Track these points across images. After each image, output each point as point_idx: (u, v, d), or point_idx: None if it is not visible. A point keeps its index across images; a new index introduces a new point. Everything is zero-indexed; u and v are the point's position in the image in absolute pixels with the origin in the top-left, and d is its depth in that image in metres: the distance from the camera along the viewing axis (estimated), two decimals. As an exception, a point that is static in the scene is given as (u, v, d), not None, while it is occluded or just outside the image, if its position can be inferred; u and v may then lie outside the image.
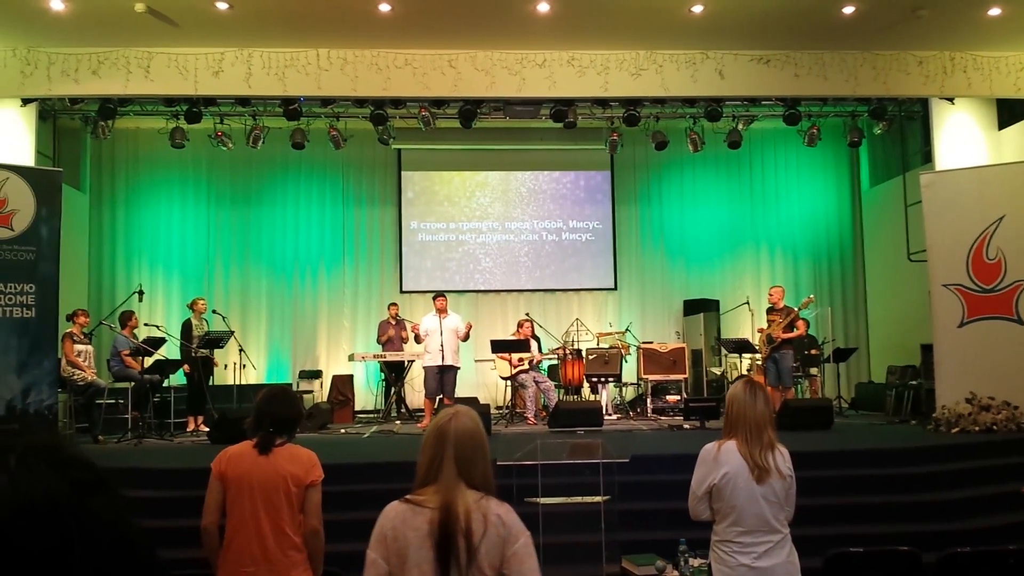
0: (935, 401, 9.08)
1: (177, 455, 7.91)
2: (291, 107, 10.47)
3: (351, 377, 11.98)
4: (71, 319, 9.26)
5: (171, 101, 10.58)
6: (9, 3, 8.47)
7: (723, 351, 11.84)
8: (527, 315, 11.55)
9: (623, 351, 11.20)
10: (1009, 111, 10.57)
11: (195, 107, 10.49)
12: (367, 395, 12.44)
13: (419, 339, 10.32)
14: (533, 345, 10.70)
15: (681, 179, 13.62)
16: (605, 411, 10.17)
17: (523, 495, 4.69)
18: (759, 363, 10.63)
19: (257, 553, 3.28)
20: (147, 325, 10.07)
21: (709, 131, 12.00)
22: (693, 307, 12.95)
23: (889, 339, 12.71)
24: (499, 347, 10.33)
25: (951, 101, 10.41)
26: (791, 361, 10.07)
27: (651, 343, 11.54)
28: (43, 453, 0.89)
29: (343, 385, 11.71)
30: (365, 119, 11.14)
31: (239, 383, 10.59)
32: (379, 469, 6.83)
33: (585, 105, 11.22)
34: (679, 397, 11.20)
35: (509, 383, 10.68)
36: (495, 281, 13.36)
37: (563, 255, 13.50)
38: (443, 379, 9.83)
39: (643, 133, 12.18)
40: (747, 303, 11.44)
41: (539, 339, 11.20)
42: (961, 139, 10.56)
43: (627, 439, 8.37)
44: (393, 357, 11.16)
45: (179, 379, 10.32)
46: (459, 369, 10.16)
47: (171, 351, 10.21)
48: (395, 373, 11.40)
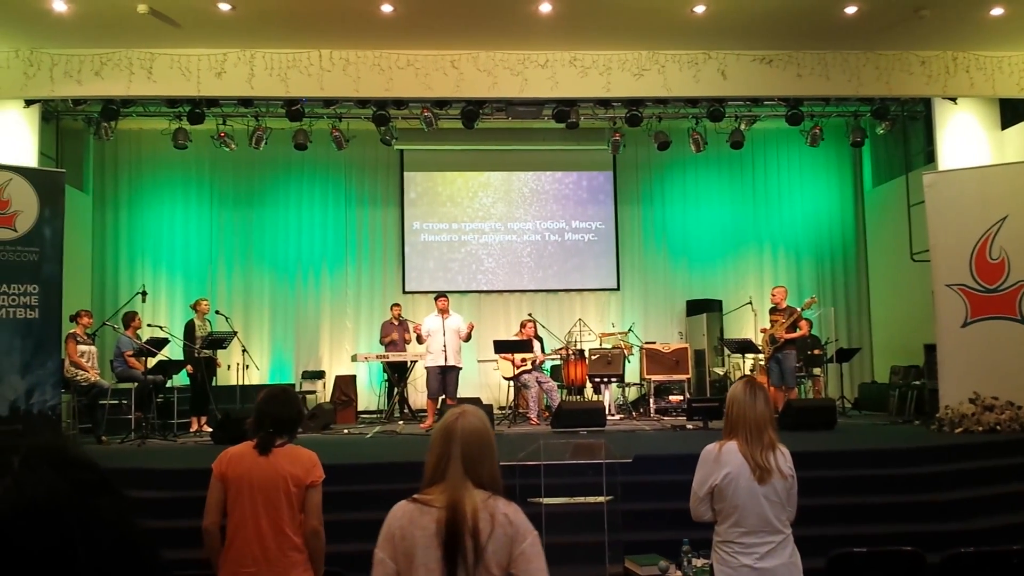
0: (938, 401, 9.06)
1: (180, 456, 7.92)
2: (293, 108, 10.48)
3: (354, 378, 12.00)
4: (74, 320, 9.28)
5: (174, 102, 10.60)
6: (12, 4, 8.49)
7: (726, 351, 11.84)
8: (530, 315, 11.55)
9: (626, 351, 11.20)
10: (1012, 111, 10.55)
11: (198, 108, 10.50)
12: (370, 395, 12.44)
13: (421, 339, 10.32)
14: (536, 345, 10.70)
15: (684, 179, 13.61)
16: (608, 411, 10.17)
17: (526, 495, 4.69)
18: (762, 363, 10.63)
19: (257, 553, 3.28)
20: (150, 326, 10.10)
21: (712, 131, 11.99)
22: (696, 307, 12.94)
23: (892, 339, 12.69)
24: (502, 347, 10.33)
25: (954, 101, 10.40)
26: (794, 361, 10.07)
27: (654, 343, 11.54)
28: (47, 454, 0.89)
29: (346, 386, 11.72)
30: (367, 120, 11.14)
31: (242, 383, 10.61)
32: (382, 469, 6.83)
33: (587, 105, 11.22)
34: (682, 397, 11.20)
35: (512, 383, 10.68)
36: (498, 281, 13.36)
37: (566, 255, 13.50)
38: (445, 379, 9.84)
39: (645, 133, 12.18)
40: (750, 303, 11.42)
41: (542, 339, 11.20)
42: (964, 139, 10.55)
43: (630, 439, 8.36)
44: (396, 358, 11.16)
45: (182, 380, 10.32)
46: (461, 369, 10.17)
47: (174, 352, 10.22)
48: (398, 374, 11.40)
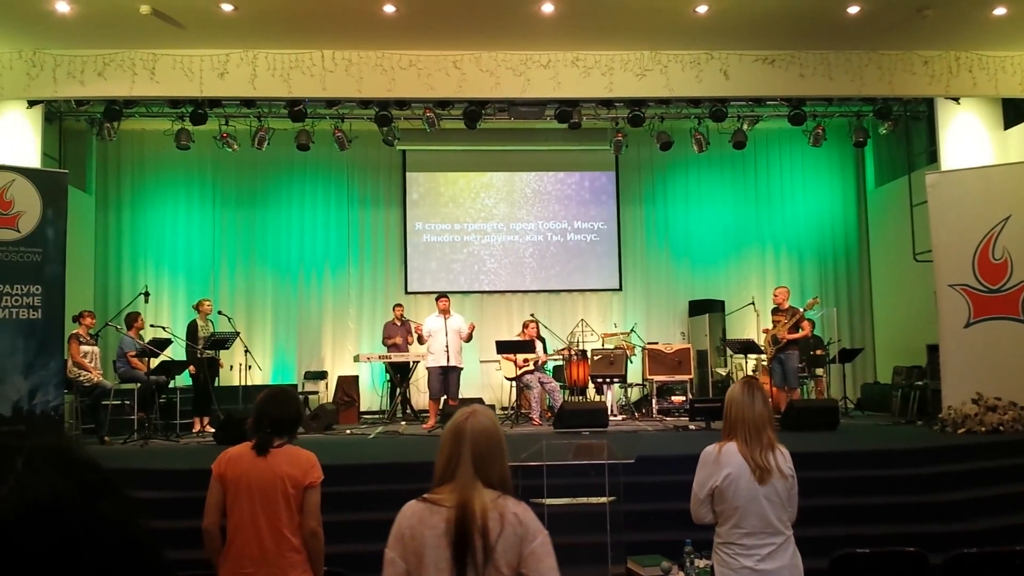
0: (941, 402, 9.04)
1: (183, 456, 7.93)
2: (296, 108, 10.49)
3: (356, 378, 12.00)
4: (77, 320, 9.29)
5: (176, 103, 10.62)
6: (15, 5, 8.50)
7: (728, 352, 11.82)
8: (532, 316, 11.54)
9: (628, 352, 11.19)
10: (1015, 111, 10.53)
11: (200, 109, 10.52)
12: (372, 396, 12.45)
13: (422, 340, 10.33)
14: (538, 346, 10.70)
15: (686, 179, 13.60)
16: (610, 412, 10.17)
17: (528, 496, 4.68)
18: (764, 364, 10.62)
19: (256, 554, 3.27)
20: (153, 326, 10.11)
21: (714, 131, 11.99)
22: (698, 308, 12.93)
23: (895, 340, 12.67)
24: (504, 348, 10.33)
25: (956, 101, 10.38)
26: (796, 362, 10.06)
27: (656, 344, 11.54)
28: (50, 454, 0.89)
29: (348, 386, 11.73)
30: (370, 120, 11.15)
31: (245, 384, 10.61)
32: (384, 470, 6.84)
33: (590, 106, 11.22)
34: (684, 398, 11.20)
35: (514, 384, 10.67)
36: (500, 282, 13.36)
37: (568, 256, 13.49)
38: (447, 380, 9.84)
39: (648, 133, 12.18)
40: (752, 304, 11.42)
41: (544, 340, 11.19)
42: (967, 139, 10.53)
43: (632, 440, 8.36)
44: (398, 358, 11.16)
45: (185, 380, 10.33)
46: (462, 370, 10.17)
47: (177, 352, 10.24)
48: (400, 374, 11.40)
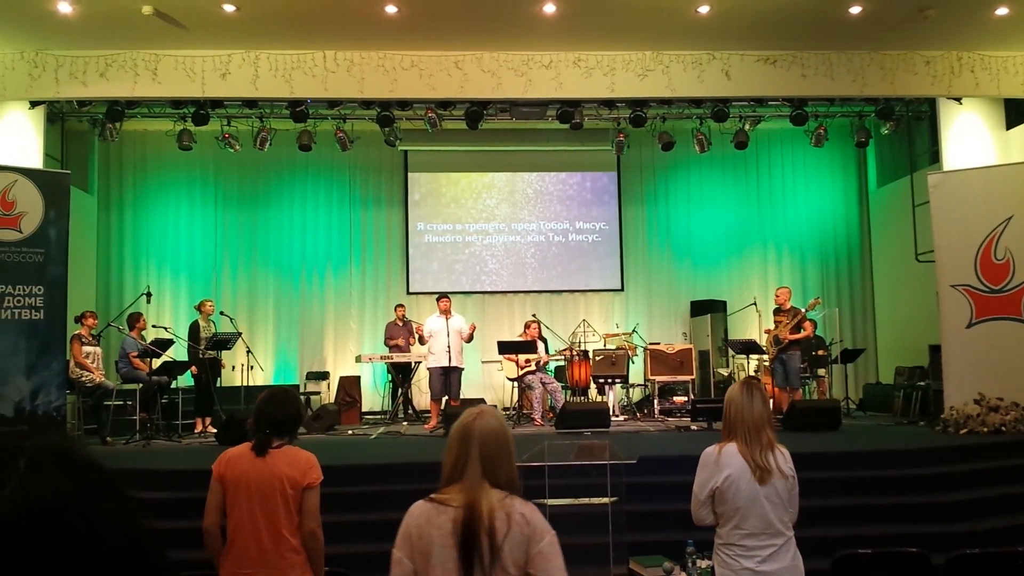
0: (943, 402, 9.04)
1: (185, 457, 7.94)
2: (298, 109, 10.49)
3: (358, 378, 12.01)
4: (79, 321, 9.30)
5: (178, 103, 10.62)
6: (17, 6, 8.51)
7: (730, 352, 11.82)
8: (534, 316, 11.53)
9: (630, 352, 11.19)
10: (1017, 111, 10.52)
11: (202, 109, 10.53)
12: (374, 396, 12.46)
13: (423, 340, 10.32)
14: (540, 346, 10.70)
15: (688, 180, 13.60)
16: (612, 412, 10.16)
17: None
18: (766, 364, 10.62)
19: (255, 555, 3.26)
20: (155, 327, 10.12)
21: (716, 132, 11.99)
22: (700, 308, 12.93)
23: (897, 340, 12.66)
24: (506, 348, 10.33)
25: (959, 101, 10.37)
26: (798, 362, 10.05)
27: (658, 344, 11.53)
28: (52, 455, 0.89)
29: (350, 386, 11.73)
30: (371, 121, 11.16)
31: (247, 384, 10.61)
32: (386, 470, 6.85)
33: (591, 106, 11.22)
34: (686, 398, 11.19)
35: (516, 384, 10.67)
36: (501, 282, 13.36)
37: (570, 256, 13.49)
38: (448, 380, 9.84)
39: (650, 134, 12.18)
40: (754, 304, 11.40)
41: (546, 340, 11.19)
42: (969, 139, 10.52)
43: (634, 440, 8.36)
44: (400, 358, 11.15)
45: (187, 381, 10.34)
46: (463, 370, 10.16)
47: (179, 353, 10.24)
48: (402, 374, 11.40)
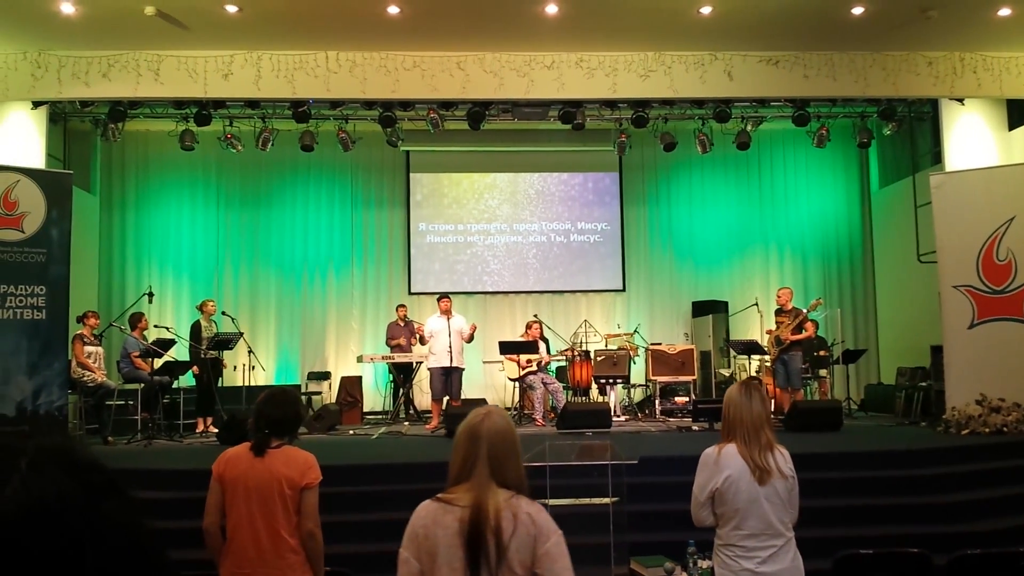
0: (945, 403, 9.03)
1: (186, 456, 7.94)
2: (300, 109, 10.49)
3: (360, 378, 12.01)
4: (81, 321, 9.32)
5: (181, 104, 10.62)
6: (20, 6, 8.52)
7: (732, 352, 11.81)
8: (535, 316, 11.54)
9: (631, 352, 11.18)
10: (1019, 111, 10.50)
11: (204, 110, 10.53)
12: (376, 396, 12.46)
13: (424, 340, 10.32)
14: (541, 346, 10.69)
15: (690, 180, 13.59)
16: (613, 413, 10.16)
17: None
18: (768, 365, 10.61)
19: (253, 555, 3.26)
20: (157, 327, 10.13)
21: (718, 132, 11.98)
22: (702, 308, 12.92)
23: (899, 340, 12.65)
24: (507, 348, 10.33)
25: (961, 102, 10.36)
26: (800, 363, 10.04)
27: (659, 344, 11.53)
28: (54, 455, 0.89)
29: (352, 386, 11.73)
30: (374, 121, 11.16)
31: (248, 384, 10.61)
32: (387, 470, 6.85)
33: (593, 107, 11.21)
34: (688, 399, 11.18)
35: (517, 384, 10.67)
36: (503, 283, 13.36)
37: (571, 257, 13.49)
38: (449, 380, 9.83)
39: (651, 134, 12.17)
40: (756, 304, 11.39)
41: (547, 340, 11.18)
42: (971, 140, 10.51)
43: (635, 441, 8.36)
44: (401, 359, 11.15)
45: (188, 380, 10.35)
46: (464, 370, 10.16)
47: (180, 353, 10.25)
48: (403, 375, 11.40)
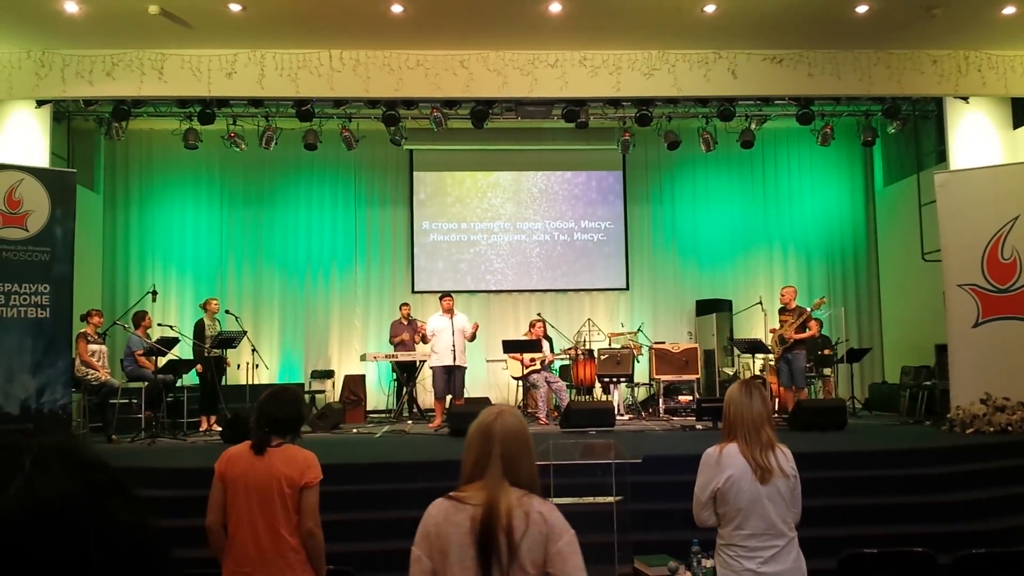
0: (949, 402, 9.02)
1: (190, 455, 7.95)
2: (304, 108, 10.49)
3: (363, 377, 12.01)
4: (85, 319, 9.32)
5: (184, 102, 10.63)
6: (24, 5, 8.53)
7: (736, 351, 11.79)
8: (539, 315, 11.53)
9: (635, 351, 11.17)
10: (1024, 110, 10.50)
11: (208, 108, 10.53)
12: (379, 395, 12.47)
13: (426, 339, 10.32)
14: (545, 345, 10.69)
15: (693, 179, 13.57)
16: (617, 411, 10.15)
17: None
18: (772, 363, 10.59)
19: (253, 554, 3.26)
20: (160, 325, 10.13)
21: (722, 131, 11.95)
22: (705, 307, 12.90)
23: (903, 339, 12.63)
24: (511, 347, 10.32)
25: (966, 100, 10.33)
26: (804, 361, 10.02)
27: (663, 343, 11.52)
28: (58, 454, 0.89)
29: (355, 385, 11.74)
30: (377, 120, 11.15)
31: (252, 383, 10.62)
32: (391, 469, 6.85)
33: (597, 105, 11.19)
34: (691, 397, 11.17)
35: (521, 383, 10.66)
36: (507, 281, 13.36)
37: (575, 255, 13.48)
38: (451, 379, 9.81)
39: (655, 133, 12.15)
40: (760, 303, 11.36)
41: (551, 339, 11.18)
42: (976, 138, 10.48)
43: (639, 440, 8.35)
44: (405, 357, 11.16)
45: (192, 379, 10.36)
46: (466, 369, 10.16)
47: (184, 351, 10.26)
48: (407, 373, 11.41)
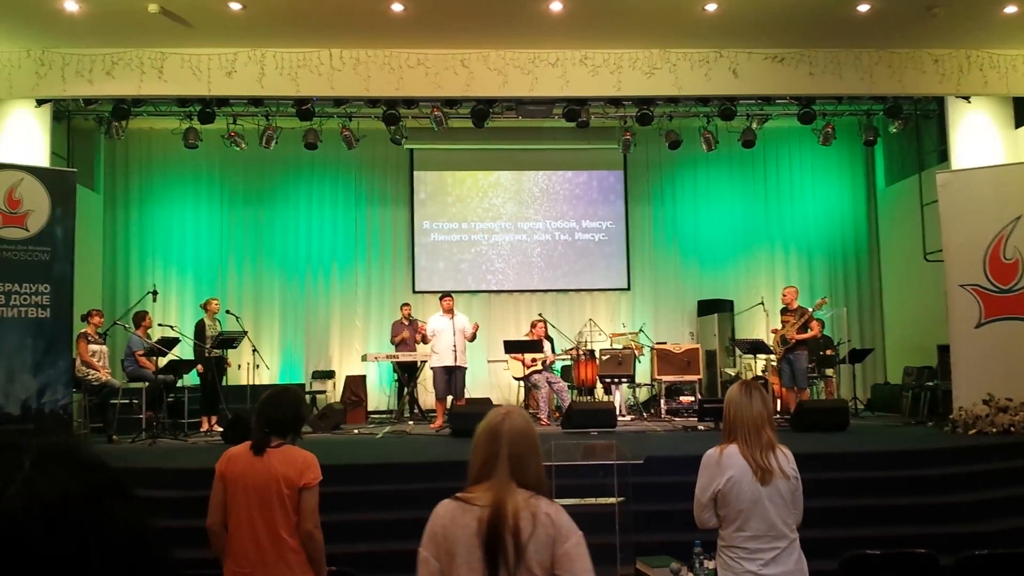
0: (952, 402, 9.00)
1: (191, 455, 7.94)
2: (304, 107, 10.48)
3: (364, 377, 12.00)
4: (85, 319, 9.31)
5: (184, 102, 10.62)
6: (24, 4, 8.51)
7: (737, 352, 11.79)
8: (540, 315, 11.52)
9: (636, 352, 11.16)
10: (1026, 110, 10.47)
11: (208, 107, 10.52)
12: (380, 395, 12.46)
13: (426, 339, 10.31)
14: (546, 346, 10.68)
15: (695, 178, 13.56)
16: (619, 412, 10.14)
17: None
18: (774, 364, 10.58)
19: (253, 554, 3.25)
20: (161, 325, 10.12)
21: (723, 130, 11.94)
22: (707, 307, 12.89)
23: (905, 340, 12.61)
24: (512, 347, 10.31)
25: (967, 99, 10.31)
26: (806, 362, 10.01)
27: (665, 344, 11.50)
28: (58, 454, 0.88)
29: (356, 385, 11.73)
30: (378, 119, 11.14)
31: (252, 383, 10.62)
32: (392, 470, 6.84)
33: (598, 104, 11.18)
34: (693, 398, 11.16)
35: (522, 384, 10.66)
36: (507, 281, 13.34)
37: (576, 255, 13.47)
38: (452, 379, 9.80)
39: (656, 132, 12.14)
40: (762, 303, 11.35)
41: (552, 340, 11.17)
42: (977, 138, 10.46)
43: (641, 440, 8.34)
44: (406, 357, 11.16)
45: (193, 379, 10.35)
46: (467, 369, 10.15)
47: (185, 351, 10.25)
48: (408, 373, 11.40)
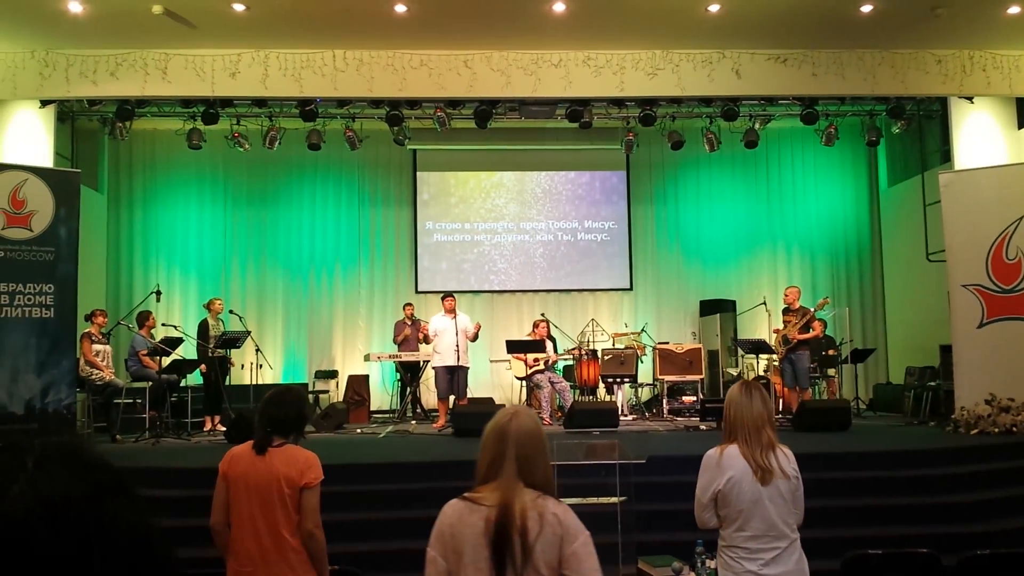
0: (954, 402, 8.99)
1: (194, 455, 7.95)
2: (307, 108, 10.50)
3: (367, 377, 12.00)
4: (89, 319, 9.33)
5: (188, 102, 10.64)
6: (28, 5, 8.54)
7: (740, 352, 11.78)
8: (542, 315, 11.53)
9: (639, 352, 11.17)
10: (1029, 110, 10.46)
11: (212, 108, 10.54)
12: (383, 395, 12.45)
13: (428, 339, 10.31)
14: (548, 345, 10.68)
15: (697, 179, 13.55)
16: (621, 412, 10.15)
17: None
18: (776, 364, 10.58)
19: (255, 554, 3.26)
20: (164, 325, 10.14)
21: (726, 130, 11.94)
22: (709, 307, 12.88)
23: (907, 340, 12.60)
24: (514, 347, 10.32)
25: (970, 100, 10.30)
26: (808, 362, 10.01)
27: (667, 344, 11.50)
28: (61, 454, 0.89)
29: (359, 385, 11.73)
30: (381, 120, 11.15)
31: (256, 383, 10.63)
32: (395, 469, 6.85)
33: (601, 105, 11.19)
34: (695, 398, 11.16)
35: (524, 383, 10.66)
36: (510, 282, 13.35)
37: (578, 255, 13.47)
38: (454, 379, 9.80)
39: (659, 133, 12.13)
40: (764, 303, 11.34)
41: (554, 339, 11.17)
42: (980, 138, 10.45)
43: (643, 440, 8.34)
44: (408, 357, 11.16)
45: (196, 379, 10.36)
46: (469, 369, 10.16)
47: (188, 351, 10.27)
48: (410, 373, 11.41)
